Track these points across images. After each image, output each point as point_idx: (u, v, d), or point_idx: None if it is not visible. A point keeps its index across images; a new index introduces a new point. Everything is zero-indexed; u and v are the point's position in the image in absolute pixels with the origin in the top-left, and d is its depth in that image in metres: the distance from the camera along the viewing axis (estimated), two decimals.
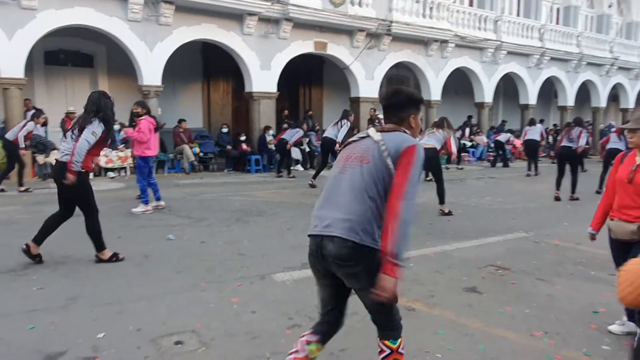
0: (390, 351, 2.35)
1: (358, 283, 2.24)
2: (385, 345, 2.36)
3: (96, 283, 4.18)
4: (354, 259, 2.15)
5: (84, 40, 12.57)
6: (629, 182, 3.15)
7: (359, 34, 14.70)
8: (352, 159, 2.30)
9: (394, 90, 2.41)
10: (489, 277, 4.59)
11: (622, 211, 3.22)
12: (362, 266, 2.16)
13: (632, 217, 3.13)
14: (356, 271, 2.18)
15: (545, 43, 19.41)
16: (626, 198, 3.19)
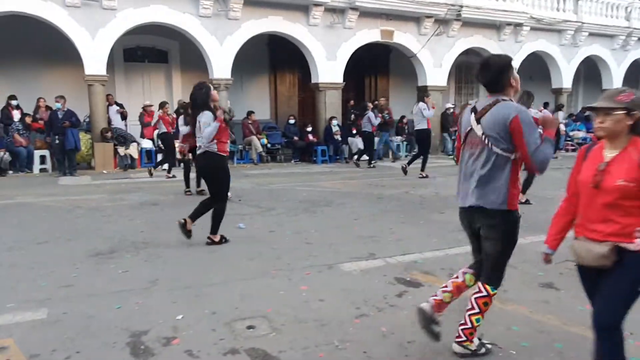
0: (486, 294, 2.80)
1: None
2: (485, 288, 2.81)
3: (174, 267, 4.42)
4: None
5: (159, 37, 13.21)
6: (594, 186, 2.21)
7: (426, 20, 14.33)
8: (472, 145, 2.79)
9: (484, 64, 2.83)
10: (567, 273, 4.35)
11: (587, 226, 2.27)
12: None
13: (601, 235, 2.21)
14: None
15: (632, 22, 17.92)
16: (592, 208, 2.24)
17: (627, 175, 2.15)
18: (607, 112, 2.18)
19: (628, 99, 2.16)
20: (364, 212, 6.82)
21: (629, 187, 2.14)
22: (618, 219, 2.18)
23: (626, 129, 2.18)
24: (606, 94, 2.25)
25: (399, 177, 10.52)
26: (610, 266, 2.21)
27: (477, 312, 2.79)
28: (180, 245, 5.13)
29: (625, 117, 2.16)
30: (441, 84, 15.37)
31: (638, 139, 2.20)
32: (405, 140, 15.40)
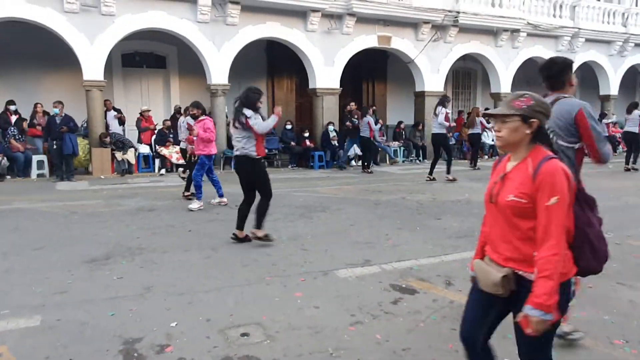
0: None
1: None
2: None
3: (169, 274, 4.40)
4: None
5: (157, 42, 13.24)
6: (491, 200, 2.01)
7: (424, 26, 14.38)
8: None
9: (548, 64, 3.11)
10: None
11: (493, 245, 2.04)
12: None
13: (502, 258, 1.97)
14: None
15: (629, 28, 18.00)
16: (495, 226, 2.02)
17: (519, 189, 1.88)
18: (504, 119, 1.94)
19: (525, 104, 1.92)
20: (360, 218, 6.81)
21: (520, 204, 1.87)
22: (517, 242, 1.92)
23: (526, 138, 1.93)
24: (505, 99, 2.02)
25: (396, 183, 10.53)
26: (506, 296, 1.95)
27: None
28: (176, 251, 5.12)
29: (523, 125, 1.91)
30: (438, 89, 15.41)
31: (540, 149, 1.94)
32: (403, 145, 15.42)
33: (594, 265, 2.00)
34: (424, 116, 15.33)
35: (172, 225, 6.34)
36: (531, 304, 1.80)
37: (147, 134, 12.40)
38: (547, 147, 1.95)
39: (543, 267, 1.80)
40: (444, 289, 4.07)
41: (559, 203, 1.80)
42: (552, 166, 1.84)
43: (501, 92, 16.33)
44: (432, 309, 3.63)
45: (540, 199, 1.83)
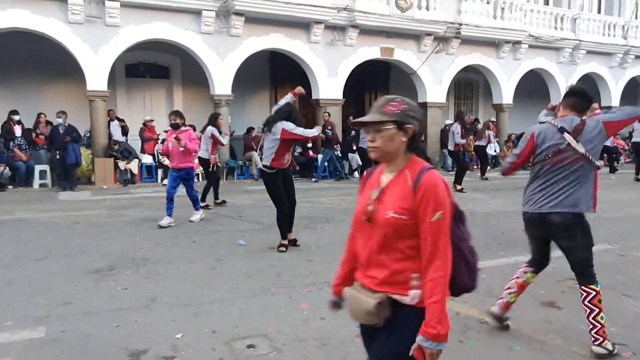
0: (595, 293, 3.09)
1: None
2: (590, 289, 3.11)
3: (174, 284, 4.38)
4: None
5: (161, 53, 13.33)
6: (368, 219, 1.76)
7: (426, 38, 14.47)
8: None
9: (581, 90, 3.29)
10: (569, 291, 4.33)
11: (364, 269, 1.79)
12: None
13: (375, 283, 1.72)
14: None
15: (629, 40, 18.09)
16: (368, 247, 1.76)
17: (398, 205, 1.67)
18: (377, 127, 1.71)
19: (397, 109, 1.71)
20: None
21: (400, 221, 1.66)
22: (392, 264, 1.69)
23: (402, 146, 1.72)
24: (375, 105, 1.78)
25: None
26: (383, 325, 1.71)
27: (598, 312, 3.09)
28: (180, 262, 5.11)
29: (398, 132, 1.70)
30: (441, 100, 15.46)
31: (416, 159, 1.75)
32: None
33: (468, 282, 1.81)
34: (426, 127, 15.34)
35: (176, 236, 6.33)
36: (425, 334, 1.62)
37: (150, 144, 12.42)
38: (423, 156, 1.77)
39: (432, 291, 1.62)
40: (450, 300, 4.03)
41: (444, 218, 1.64)
42: (433, 178, 1.67)
43: (503, 103, 16.39)
44: None
45: (423, 215, 1.64)
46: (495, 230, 6.71)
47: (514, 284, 3.48)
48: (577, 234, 3.13)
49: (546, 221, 3.18)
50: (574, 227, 3.13)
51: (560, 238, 3.21)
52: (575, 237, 3.14)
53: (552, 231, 3.21)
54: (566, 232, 3.14)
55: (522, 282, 3.46)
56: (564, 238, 3.18)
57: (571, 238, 3.15)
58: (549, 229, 3.21)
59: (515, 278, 3.50)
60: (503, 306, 3.44)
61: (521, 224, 3.44)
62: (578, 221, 3.13)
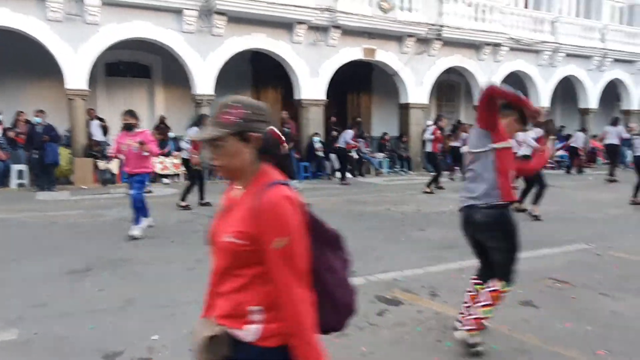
0: (495, 288, 3.09)
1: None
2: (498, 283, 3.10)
3: (151, 285, 4.33)
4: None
5: (142, 52, 13.17)
6: (211, 242, 1.52)
7: (408, 39, 14.56)
8: None
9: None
10: (546, 290, 4.39)
11: (210, 298, 1.55)
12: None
13: (218, 313, 1.47)
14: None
15: (607, 44, 18.47)
16: (213, 273, 1.52)
17: (237, 228, 1.39)
18: (214, 143, 1.42)
19: (237, 117, 1.41)
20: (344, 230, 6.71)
21: (239, 247, 1.38)
22: (233, 294, 1.42)
23: (250, 158, 1.43)
24: (212, 114, 1.46)
25: (381, 194, 10.57)
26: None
27: (488, 304, 3.08)
28: (159, 262, 5.04)
29: (242, 144, 1.42)
30: (423, 101, 15.58)
31: (267, 169, 1.45)
32: (388, 156, 15.50)
33: (332, 322, 1.48)
34: (408, 128, 15.46)
35: (155, 236, 6.25)
36: None
37: None
38: (280, 165, 1.50)
39: (289, 331, 1.35)
40: (429, 300, 4.06)
41: (290, 245, 1.34)
42: (275, 196, 1.35)
43: None
44: (418, 320, 3.62)
45: (264, 241, 1.34)
46: None
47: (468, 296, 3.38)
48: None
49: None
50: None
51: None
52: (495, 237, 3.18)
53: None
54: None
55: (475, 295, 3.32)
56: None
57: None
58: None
59: (468, 291, 3.41)
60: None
61: None
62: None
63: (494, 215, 3.09)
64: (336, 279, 1.49)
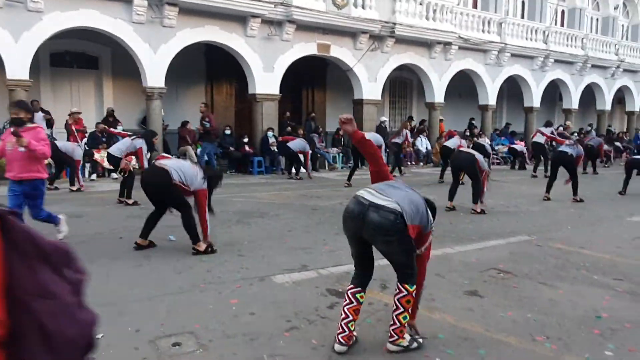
0: (407, 292, 2.99)
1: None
2: (404, 288, 3.00)
3: (96, 284, 4.15)
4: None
5: (89, 42, 12.64)
6: None
7: (362, 36, 14.70)
8: None
9: None
10: (490, 280, 4.56)
11: None
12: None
13: None
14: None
15: (549, 45, 19.35)
16: None
17: None
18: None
19: None
20: (297, 224, 6.81)
21: None
22: None
23: None
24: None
25: (334, 188, 10.64)
26: None
27: (403, 311, 3.00)
28: (105, 260, 4.87)
29: None
30: (376, 97, 15.79)
31: None
32: (342, 152, 15.62)
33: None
34: (362, 124, 15.62)
35: (102, 232, 6.05)
36: None
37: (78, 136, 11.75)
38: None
39: None
40: (379, 292, 4.13)
41: None
42: None
43: (435, 102, 16.99)
44: (368, 312, 3.67)
45: None
46: None
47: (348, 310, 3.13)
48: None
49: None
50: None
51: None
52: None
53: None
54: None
55: (355, 307, 3.14)
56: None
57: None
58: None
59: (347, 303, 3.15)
60: (345, 339, 3.06)
61: (450, 217, 3.56)
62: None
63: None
64: (54, 307, 1.14)
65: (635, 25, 24.13)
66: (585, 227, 7.10)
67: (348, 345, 3.03)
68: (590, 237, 6.44)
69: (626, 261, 5.33)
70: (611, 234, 6.66)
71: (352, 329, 3.05)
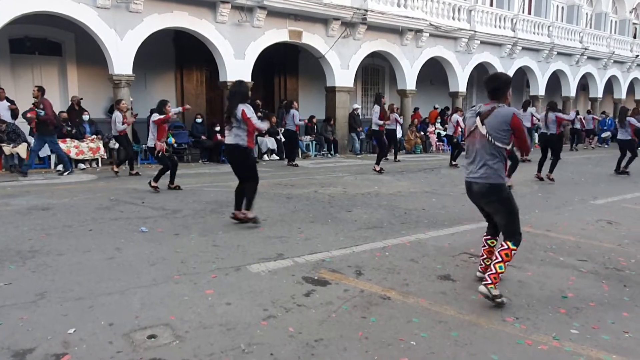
0: (507, 247, 3.64)
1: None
2: (506, 244, 3.66)
3: (67, 277, 4.08)
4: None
5: (51, 27, 12.19)
6: None
7: (334, 22, 14.62)
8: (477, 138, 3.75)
9: (493, 76, 3.83)
10: (462, 264, 4.67)
11: None
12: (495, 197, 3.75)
13: None
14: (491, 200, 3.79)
15: (517, 33, 19.68)
16: None
17: None
18: None
19: None
20: (272, 212, 6.80)
21: None
22: None
23: None
24: None
25: (308, 176, 10.64)
26: None
27: (500, 260, 3.61)
28: (75, 252, 4.76)
29: None
30: (348, 85, 15.79)
31: None
32: (315, 139, 15.61)
33: None
34: (335, 111, 15.63)
35: (70, 225, 5.89)
36: None
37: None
38: None
39: None
40: (355, 279, 4.18)
41: None
42: None
43: (407, 89, 17.11)
44: (344, 299, 3.71)
45: None
46: (399, 210, 7.03)
47: (483, 251, 4.10)
48: (493, 201, 3.75)
49: (471, 189, 3.86)
50: (490, 195, 3.73)
51: (483, 203, 3.92)
52: (492, 204, 3.78)
53: (474, 197, 3.91)
54: (484, 199, 3.81)
55: (488, 249, 4.06)
56: (485, 204, 3.89)
57: (490, 204, 3.81)
58: (472, 195, 3.90)
59: (483, 247, 4.11)
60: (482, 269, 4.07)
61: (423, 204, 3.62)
62: (493, 190, 3.69)
63: (489, 186, 3.75)
64: None
65: (599, 13, 24.76)
66: (552, 210, 7.32)
67: (484, 273, 3.83)
68: (556, 220, 6.64)
69: (590, 242, 5.53)
70: (576, 217, 6.89)
71: (487, 264, 3.94)
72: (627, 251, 5.24)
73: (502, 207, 3.73)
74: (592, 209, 7.53)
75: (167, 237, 5.38)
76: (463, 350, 2.98)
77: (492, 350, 2.99)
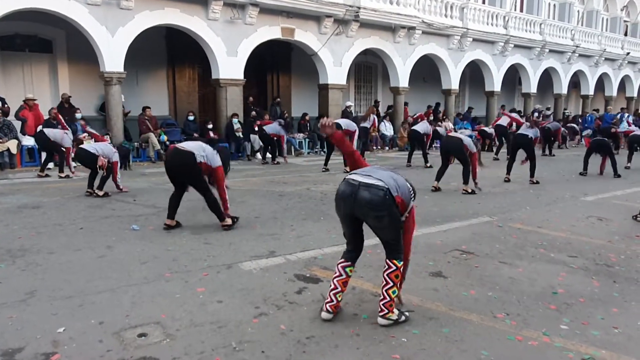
0: (395, 268, 3.22)
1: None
2: (393, 263, 3.23)
3: (56, 276, 4.05)
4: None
5: (42, 24, 12.06)
6: None
7: (326, 20, 14.60)
8: None
9: None
10: (454, 261, 4.68)
11: None
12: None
13: None
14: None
15: (509, 30, 19.74)
16: None
17: None
18: None
19: None
20: (265, 210, 6.79)
21: None
22: None
23: None
24: None
25: (301, 174, 10.64)
26: None
27: (392, 285, 3.23)
28: (65, 251, 4.73)
29: None
30: (341, 82, 15.78)
31: None
32: (308, 137, 15.59)
33: None
34: (327, 109, 15.61)
35: (61, 223, 5.85)
36: None
37: (32, 124, 11.27)
38: None
39: None
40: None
41: None
42: None
43: (400, 86, 17.12)
44: None
45: None
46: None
47: (337, 282, 3.35)
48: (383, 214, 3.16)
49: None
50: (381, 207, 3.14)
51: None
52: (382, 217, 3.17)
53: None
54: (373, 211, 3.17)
55: (345, 279, 3.37)
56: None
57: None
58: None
59: (337, 275, 3.37)
60: (332, 308, 3.30)
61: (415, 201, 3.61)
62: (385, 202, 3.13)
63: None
64: None
65: (590, 11, 24.89)
66: (543, 207, 7.36)
67: (334, 313, 3.30)
68: (547, 217, 6.68)
69: (580, 239, 5.57)
70: (566, 213, 6.94)
71: (339, 299, 3.31)
72: (617, 247, 5.28)
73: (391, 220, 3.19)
74: (583, 206, 7.58)
75: (159, 235, 5.36)
76: (454, 346, 2.99)
77: (482, 346, 3.00)
